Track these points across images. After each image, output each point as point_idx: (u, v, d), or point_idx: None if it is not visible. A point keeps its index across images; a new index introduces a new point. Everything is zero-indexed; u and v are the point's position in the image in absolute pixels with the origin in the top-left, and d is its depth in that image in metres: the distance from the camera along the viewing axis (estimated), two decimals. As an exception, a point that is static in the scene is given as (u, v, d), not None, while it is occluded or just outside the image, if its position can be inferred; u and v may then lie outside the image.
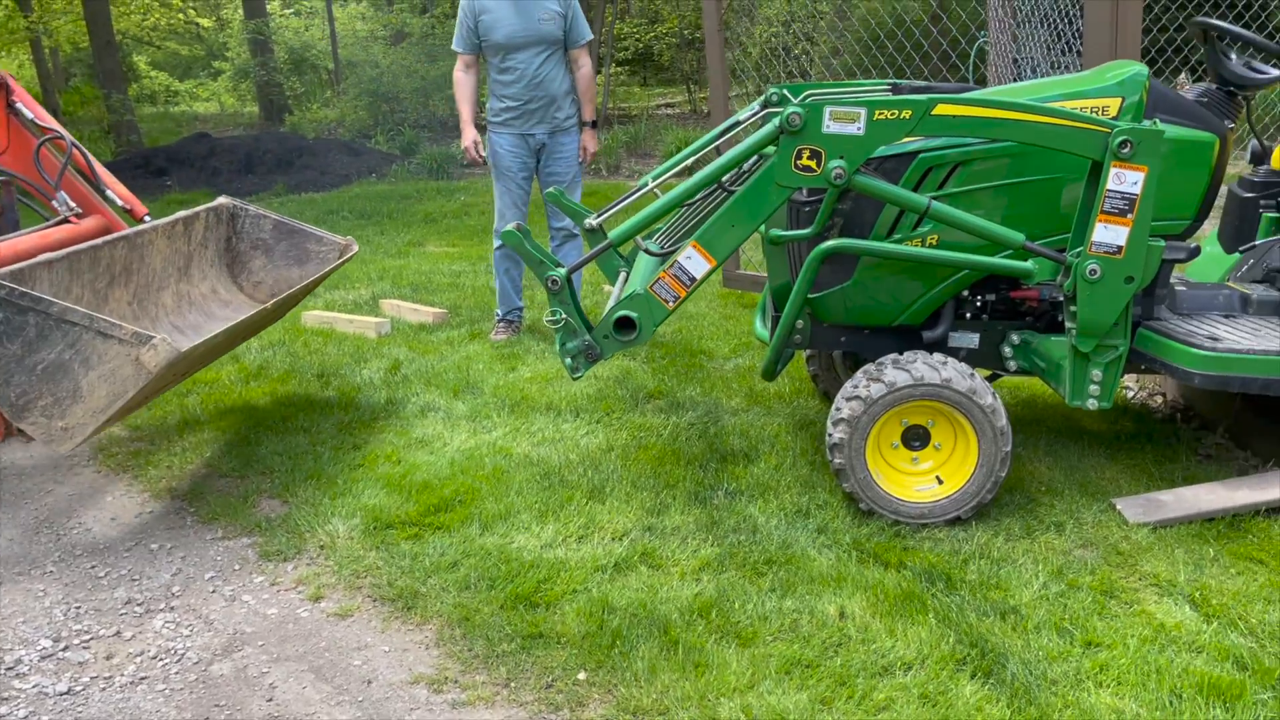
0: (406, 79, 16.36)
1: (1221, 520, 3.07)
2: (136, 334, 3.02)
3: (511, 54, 4.99)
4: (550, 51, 5.00)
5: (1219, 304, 3.43)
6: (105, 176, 4.33)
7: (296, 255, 4.49)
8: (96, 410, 3.08)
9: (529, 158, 5.16)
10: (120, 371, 3.04)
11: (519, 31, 4.94)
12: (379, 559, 3.08)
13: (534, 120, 5.07)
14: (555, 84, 5.04)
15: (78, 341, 3.03)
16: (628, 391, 4.41)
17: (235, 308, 4.35)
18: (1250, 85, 3.30)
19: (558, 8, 4.97)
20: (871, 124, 2.90)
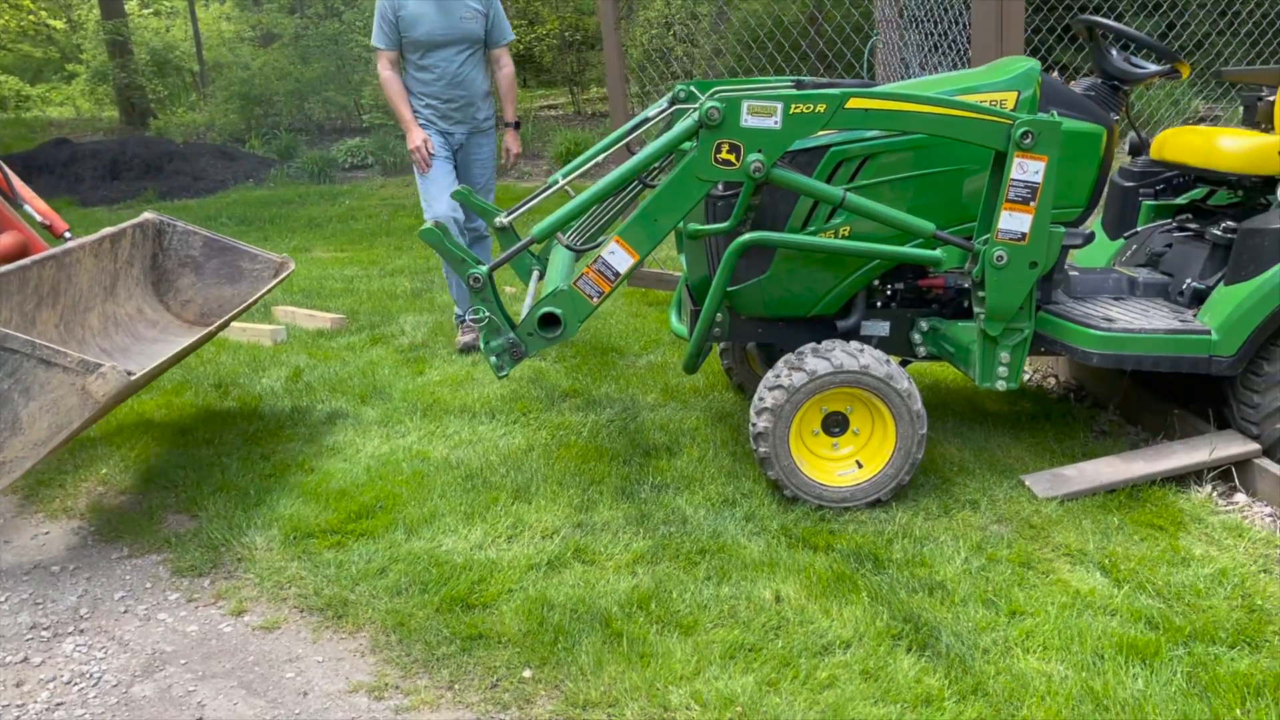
0: (279, 81, 15.89)
1: (1122, 491, 3.24)
2: (83, 362, 2.85)
3: (431, 52, 4.85)
4: (471, 50, 4.90)
5: (1109, 287, 3.63)
6: (23, 191, 4.10)
7: (229, 274, 4.28)
8: (37, 443, 2.89)
9: (450, 150, 5.01)
10: (64, 401, 2.87)
11: (440, 29, 4.81)
12: (302, 569, 2.99)
13: (454, 120, 4.95)
14: (476, 84, 4.94)
15: (17, 370, 2.85)
16: (543, 392, 4.38)
17: (163, 328, 4.14)
18: (1132, 79, 3.50)
19: (479, 6, 4.87)
20: (788, 118, 2.96)
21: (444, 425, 4.04)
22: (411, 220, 8.92)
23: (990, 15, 4.30)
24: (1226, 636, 2.50)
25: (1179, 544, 2.95)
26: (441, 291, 6.28)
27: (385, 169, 12.27)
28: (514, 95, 5.13)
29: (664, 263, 6.20)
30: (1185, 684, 2.34)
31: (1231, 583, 2.74)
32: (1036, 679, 2.37)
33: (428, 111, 4.95)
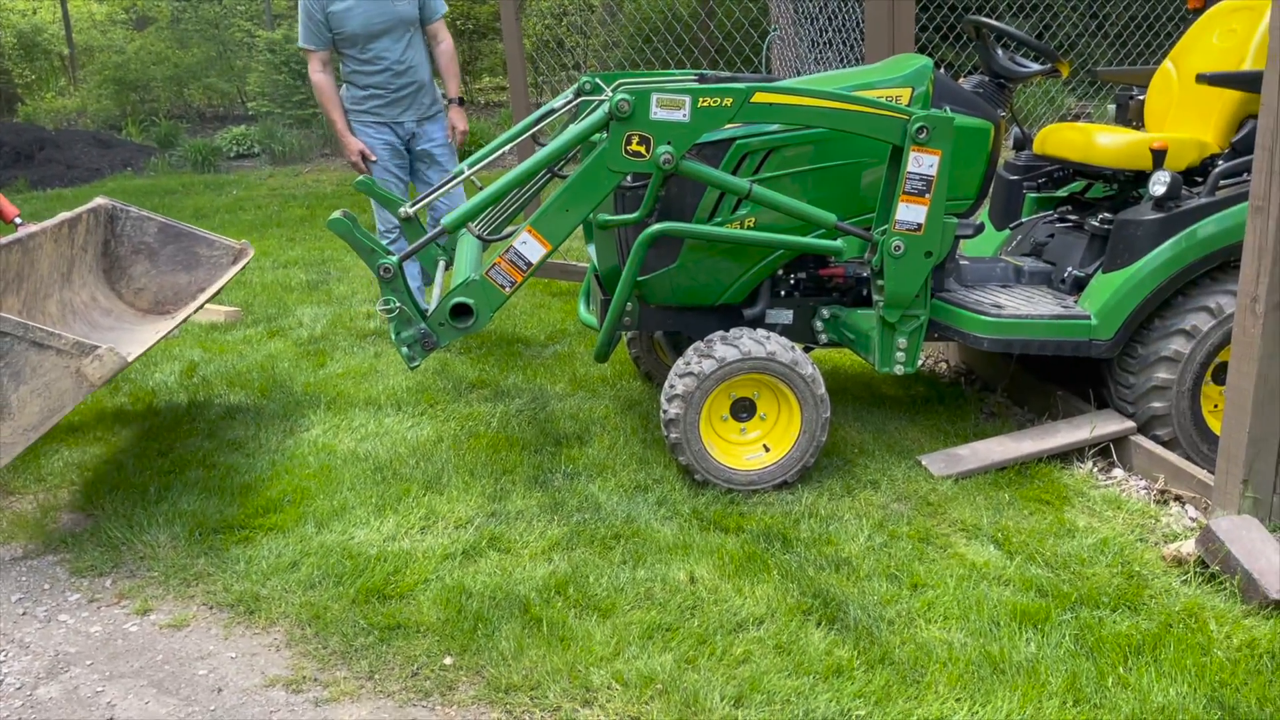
0: (156, 66, 15.28)
1: (1012, 469, 3.42)
2: (78, 344, 2.77)
3: (371, 43, 4.64)
4: (411, 34, 4.71)
5: (997, 275, 3.81)
6: None
7: (184, 260, 4.12)
8: (27, 428, 2.80)
9: (399, 146, 4.82)
10: (57, 385, 2.78)
11: (376, 17, 4.61)
12: (209, 565, 2.93)
13: (401, 108, 4.76)
14: (421, 69, 4.76)
15: (8, 353, 2.75)
16: (449, 383, 4.36)
17: (117, 317, 3.98)
18: (1017, 77, 3.68)
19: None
20: (696, 110, 3.02)
21: (349, 418, 3.99)
22: (302, 210, 8.73)
23: (883, 13, 4.45)
24: (1109, 601, 2.68)
25: (1064, 517, 3.13)
26: (339, 283, 6.18)
27: (274, 158, 11.94)
28: (455, 70, 4.92)
29: (569, 254, 6.22)
30: (1073, 645, 2.49)
31: (1112, 551, 2.93)
32: (938, 647, 2.50)
33: (373, 103, 4.74)
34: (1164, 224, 3.38)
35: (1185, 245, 3.35)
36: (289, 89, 13.11)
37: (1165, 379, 3.41)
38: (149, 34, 16.52)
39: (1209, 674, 2.36)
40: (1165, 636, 2.51)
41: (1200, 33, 3.86)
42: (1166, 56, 4.00)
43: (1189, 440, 3.44)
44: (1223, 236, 3.32)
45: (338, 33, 4.67)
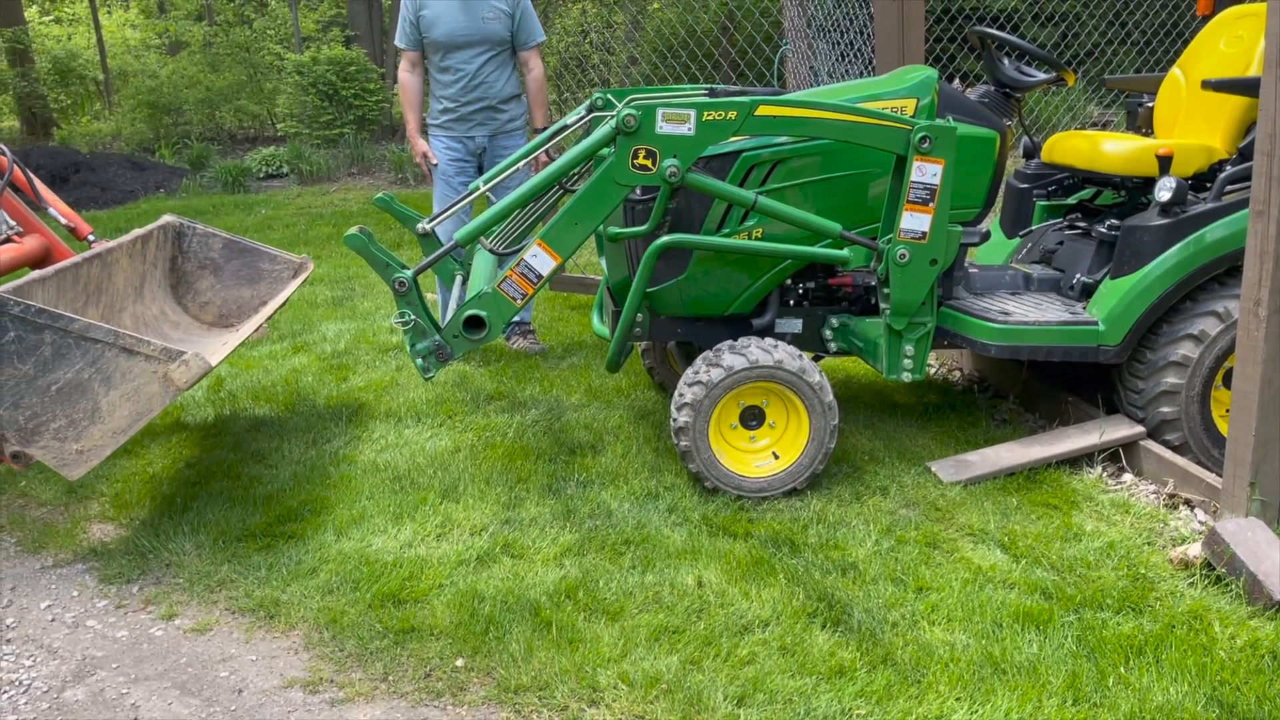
0: (189, 90, 15.60)
1: (1020, 474, 3.45)
2: (166, 350, 2.89)
3: (451, 53, 4.74)
4: (495, 52, 4.76)
5: (1006, 283, 3.84)
6: (46, 194, 4.02)
7: (248, 275, 4.26)
8: (116, 431, 2.91)
9: (467, 161, 4.92)
10: (145, 389, 2.90)
11: (461, 29, 4.69)
12: (232, 572, 3.02)
13: (472, 124, 4.83)
14: (498, 86, 4.80)
15: (99, 359, 2.87)
16: (467, 394, 4.45)
17: (185, 330, 4.13)
18: (1023, 87, 3.71)
19: (504, 6, 4.72)
20: (701, 124, 3.10)
21: (369, 430, 4.08)
22: (328, 229, 8.88)
23: (893, 25, 4.51)
24: (1113, 603, 2.70)
25: (1072, 521, 3.15)
26: (362, 299, 6.29)
27: (302, 178, 12.14)
28: (543, 99, 4.93)
29: (584, 267, 6.30)
30: (1075, 646, 2.52)
31: (1119, 555, 2.95)
32: (941, 648, 2.54)
33: (445, 117, 4.84)
34: (1170, 229, 3.40)
35: (1192, 250, 3.37)
36: (317, 110, 13.34)
37: (1174, 384, 3.42)
38: (182, 58, 16.86)
39: (1210, 673, 2.38)
40: (1168, 637, 2.53)
41: (1208, 39, 3.88)
42: (1175, 63, 4.02)
43: (1199, 444, 3.45)
44: (1229, 241, 3.34)
45: (425, 37, 4.78)
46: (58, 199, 4.10)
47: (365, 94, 13.52)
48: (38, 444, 2.90)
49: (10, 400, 2.87)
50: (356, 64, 13.58)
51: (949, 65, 6.77)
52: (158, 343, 2.92)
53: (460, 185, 4.93)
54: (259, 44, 16.79)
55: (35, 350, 2.87)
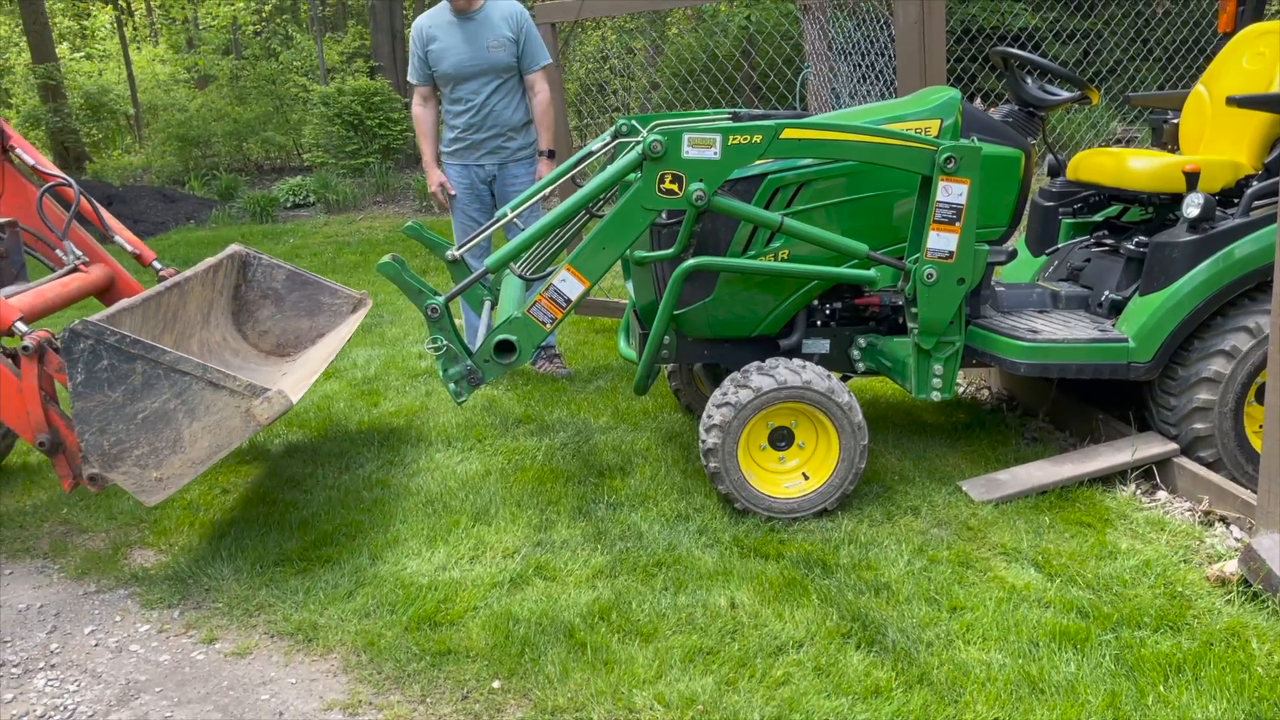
0: (217, 122, 15.87)
1: (1053, 492, 3.44)
2: (251, 386, 2.98)
3: (460, 84, 4.79)
4: (501, 80, 4.78)
5: (1034, 301, 3.84)
6: (112, 223, 4.13)
7: (307, 307, 4.35)
8: (195, 461, 3.01)
9: (480, 187, 4.96)
10: (228, 423, 2.99)
11: (467, 60, 4.74)
12: (270, 596, 3.05)
13: (481, 152, 4.88)
14: (506, 114, 4.83)
15: (186, 391, 2.97)
16: (496, 418, 4.48)
17: (244, 357, 4.23)
18: (1046, 105, 3.73)
19: (509, 33, 4.72)
20: (726, 148, 3.13)
21: (401, 454, 4.13)
22: (355, 257, 8.99)
23: (914, 46, 4.54)
24: (1150, 621, 2.68)
25: (1106, 539, 3.14)
26: (391, 326, 6.36)
27: (328, 207, 12.29)
28: (549, 122, 4.91)
29: (609, 291, 6.34)
30: (1114, 665, 2.51)
31: (1155, 572, 2.93)
32: (977, 667, 2.53)
33: (457, 145, 4.91)
34: (1199, 245, 3.40)
35: (1222, 266, 3.36)
36: (342, 140, 13.53)
37: (1207, 400, 3.41)
38: (210, 92, 17.16)
39: (1249, 690, 2.36)
40: (1206, 655, 2.51)
41: (1230, 56, 3.89)
42: (1198, 80, 4.03)
43: (1233, 461, 3.43)
44: (1259, 256, 3.33)
45: (434, 71, 4.85)
46: (123, 227, 4.19)
47: (389, 123, 13.70)
48: (119, 469, 3.00)
49: (97, 425, 2.96)
50: (380, 94, 13.78)
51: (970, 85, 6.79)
52: (243, 379, 3.00)
53: (476, 212, 4.99)
54: (285, 76, 17.06)
55: (126, 379, 2.96)
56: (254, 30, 20.01)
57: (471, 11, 4.72)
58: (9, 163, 4.00)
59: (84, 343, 2.93)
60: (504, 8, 4.77)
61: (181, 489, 3.84)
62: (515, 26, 4.75)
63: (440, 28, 4.78)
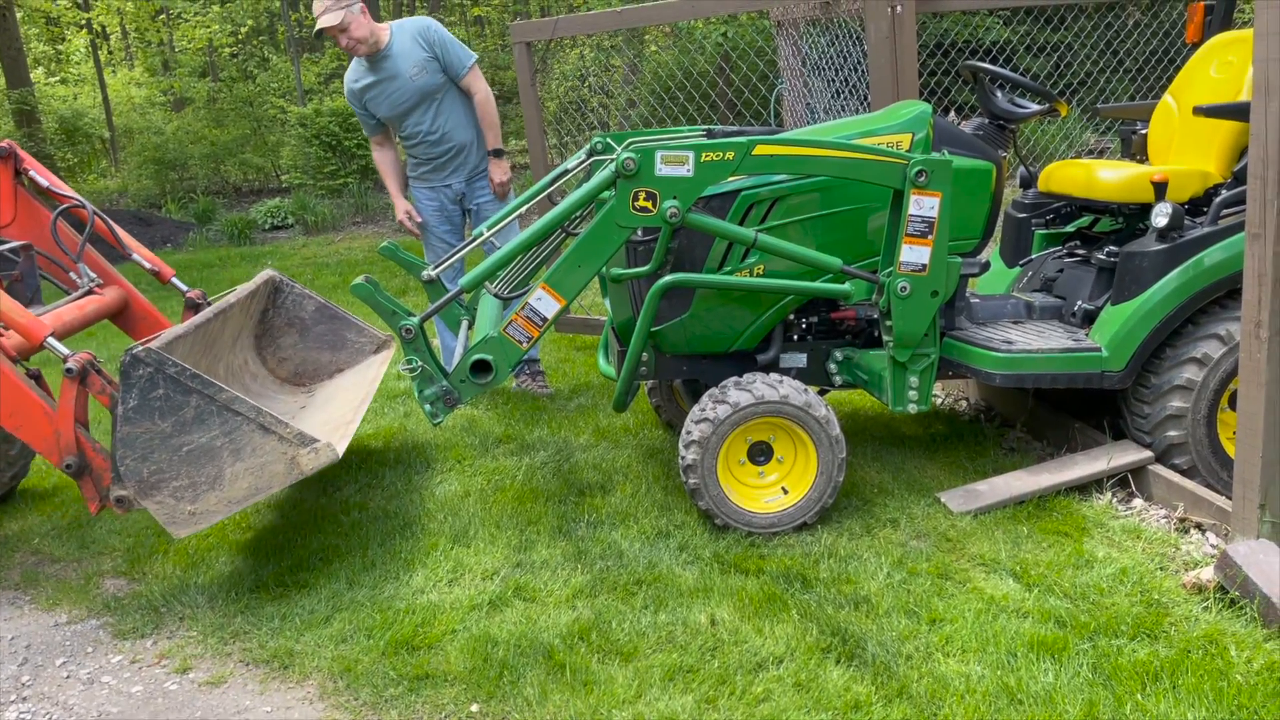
0: (194, 145, 15.82)
1: (1030, 502, 3.45)
2: (300, 435, 2.99)
3: (404, 119, 4.80)
4: (439, 100, 4.76)
5: (1008, 312, 3.86)
6: (129, 242, 4.10)
7: (331, 340, 4.34)
8: (232, 500, 3.00)
9: (450, 207, 4.98)
10: (271, 467, 2.98)
11: (399, 97, 4.73)
12: (246, 623, 3.02)
13: (445, 172, 4.90)
14: (459, 132, 4.82)
15: (235, 431, 2.96)
16: (476, 439, 4.47)
17: (261, 382, 4.21)
18: (1016, 118, 3.76)
19: (424, 53, 4.67)
20: (699, 165, 3.14)
21: (380, 477, 4.10)
22: (334, 278, 8.95)
23: (886, 61, 4.57)
24: (1128, 629, 2.69)
25: (1083, 548, 3.15)
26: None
27: (307, 228, 12.26)
28: (492, 120, 4.83)
29: (589, 308, 6.34)
30: (1091, 674, 2.51)
31: (1131, 580, 2.94)
32: (956, 679, 2.53)
33: (423, 169, 4.93)
34: (1169, 254, 3.43)
35: (1192, 274, 3.39)
36: (320, 161, 13.50)
37: (1180, 407, 3.43)
38: (186, 114, 17.13)
39: (1227, 698, 2.36)
40: (1184, 662, 2.52)
41: (1198, 66, 3.93)
42: (1167, 90, 4.07)
43: (1207, 467, 3.45)
44: (1228, 264, 3.36)
45: (377, 118, 4.87)
46: (140, 245, 4.17)
47: (368, 144, 13.68)
48: (154, 498, 2.98)
49: (140, 452, 2.95)
50: (359, 114, 13.75)
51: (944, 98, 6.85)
52: (294, 427, 3.00)
53: (442, 232, 5.01)
54: (262, 98, 17.04)
55: (178, 410, 2.95)
56: (230, 53, 19.99)
57: (382, 52, 4.70)
58: (21, 186, 3.99)
59: (143, 369, 2.93)
60: (410, 30, 4.72)
61: (156, 515, 3.85)
62: (427, 43, 4.68)
63: (364, 78, 4.79)
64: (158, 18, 21.20)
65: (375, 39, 4.66)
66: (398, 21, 4.81)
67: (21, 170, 3.97)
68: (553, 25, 5.62)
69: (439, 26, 4.77)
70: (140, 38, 23.23)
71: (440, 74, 4.74)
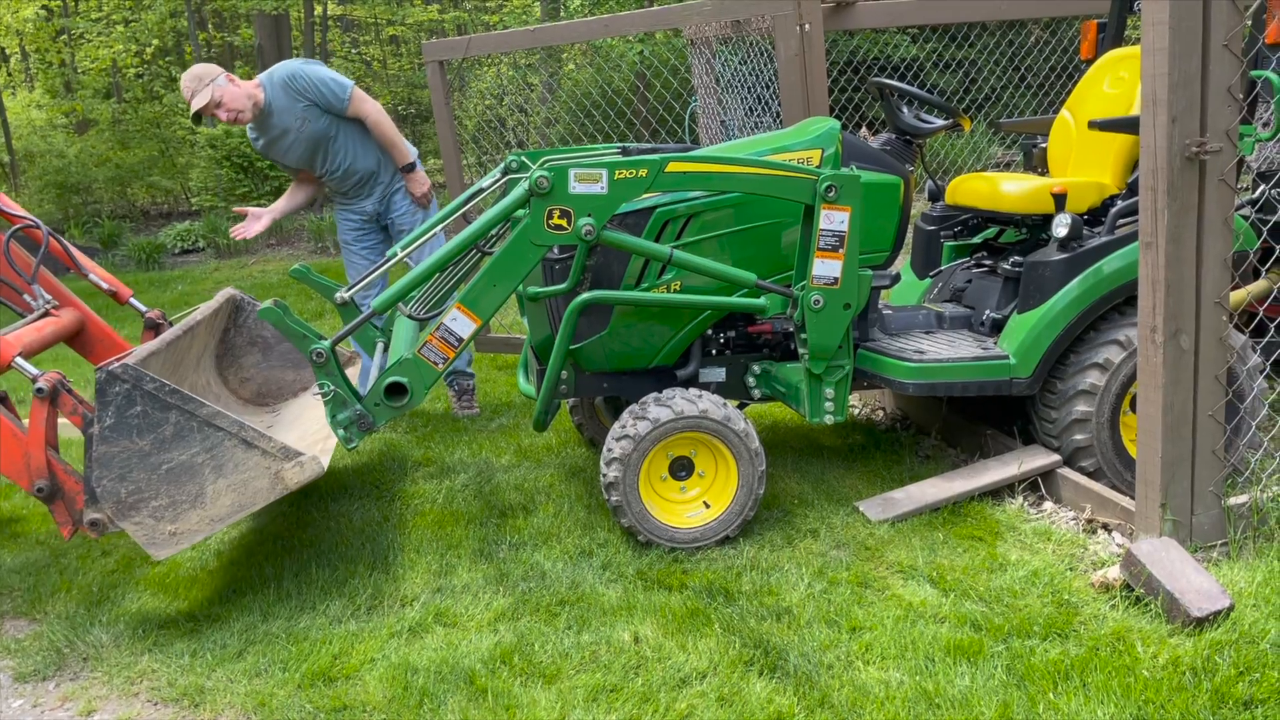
0: (98, 168, 15.34)
1: (945, 508, 3.51)
2: (285, 449, 2.91)
3: (309, 164, 4.80)
4: (331, 136, 4.72)
5: (920, 322, 3.95)
6: (85, 262, 3.95)
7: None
8: (214, 519, 2.91)
9: (365, 227, 4.96)
10: (254, 483, 2.91)
11: (297, 150, 4.73)
12: (154, 661, 2.92)
13: (360, 197, 4.91)
14: (360, 161, 4.80)
15: (216, 447, 2.87)
16: (394, 463, 4.39)
17: (224, 403, 4.06)
18: (922, 134, 3.85)
19: (300, 102, 4.62)
20: (613, 183, 3.15)
21: (294, 506, 4.00)
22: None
23: (796, 79, 4.64)
24: (1040, 630, 2.75)
25: (996, 552, 3.22)
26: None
27: (219, 252, 11.98)
28: (392, 137, 4.76)
29: (510, 327, 6.30)
30: (1005, 676, 2.56)
31: (1043, 582, 3.01)
32: (876, 687, 2.56)
33: (336, 195, 4.96)
34: (1069, 264, 3.54)
35: (1091, 283, 3.50)
36: (232, 182, 13.21)
37: (1084, 411, 3.53)
38: (90, 136, 16.59)
39: (1134, 694, 2.43)
40: (1093, 660, 2.59)
41: (1092, 81, 4.07)
42: (1063, 105, 4.21)
43: (1112, 469, 3.56)
44: (1125, 272, 3.48)
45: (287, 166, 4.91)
46: (96, 265, 4.04)
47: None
48: (132, 519, 2.90)
49: (118, 472, 2.87)
50: (271, 135, 13.50)
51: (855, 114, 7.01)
52: (278, 440, 2.93)
53: (362, 250, 4.99)
54: (170, 119, 16.61)
55: (157, 428, 2.87)
56: (136, 73, 19.46)
57: (264, 110, 4.64)
58: None
59: (119, 386, 2.85)
60: (280, 80, 4.63)
61: (61, 551, 3.70)
62: (299, 92, 4.61)
63: (263, 135, 4.76)
64: (59, 38, 20.55)
65: (254, 101, 4.59)
66: (266, 74, 4.71)
67: None
68: (466, 44, 5.60)
69: (304, 68, 4.68)
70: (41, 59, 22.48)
71: (324, 116, 4.68)
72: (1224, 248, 2.92)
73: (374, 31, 22.18)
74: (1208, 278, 2.93)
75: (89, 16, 19.09)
